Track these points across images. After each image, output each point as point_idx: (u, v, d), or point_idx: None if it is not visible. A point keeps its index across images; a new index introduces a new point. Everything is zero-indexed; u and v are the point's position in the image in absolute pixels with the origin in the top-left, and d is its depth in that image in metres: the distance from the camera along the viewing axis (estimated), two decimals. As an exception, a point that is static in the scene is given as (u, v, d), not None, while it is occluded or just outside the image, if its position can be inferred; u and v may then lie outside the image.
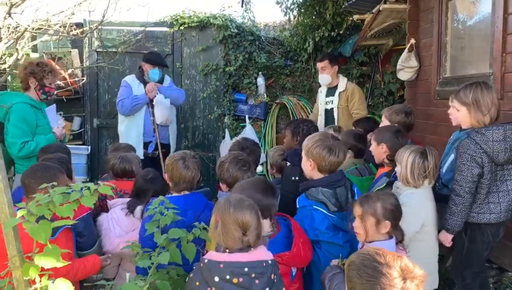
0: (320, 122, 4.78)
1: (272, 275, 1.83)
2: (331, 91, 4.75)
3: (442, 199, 2.72)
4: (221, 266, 1.76)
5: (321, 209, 2.41)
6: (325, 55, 5.06)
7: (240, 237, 1.80)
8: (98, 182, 1.72)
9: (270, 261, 1.84)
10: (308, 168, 2.55)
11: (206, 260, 1.81)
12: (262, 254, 1.85)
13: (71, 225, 2.22)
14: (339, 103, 4.61)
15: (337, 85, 4.68)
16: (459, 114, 2.68)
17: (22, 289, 1.55)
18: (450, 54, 4.03)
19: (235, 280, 1.74)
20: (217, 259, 1.79)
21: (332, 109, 4.67)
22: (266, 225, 2.21)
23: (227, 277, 1.74)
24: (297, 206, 2.54)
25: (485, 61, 3.44)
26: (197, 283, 1.80)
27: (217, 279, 1.75)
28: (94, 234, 2.73)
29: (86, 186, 1.61)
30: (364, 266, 1.44)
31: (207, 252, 1.94)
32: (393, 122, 3.27)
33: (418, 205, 2.48)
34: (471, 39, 3.87)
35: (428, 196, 2.59)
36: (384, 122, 3.35)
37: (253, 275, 1.77)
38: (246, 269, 1.76)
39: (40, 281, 1.56)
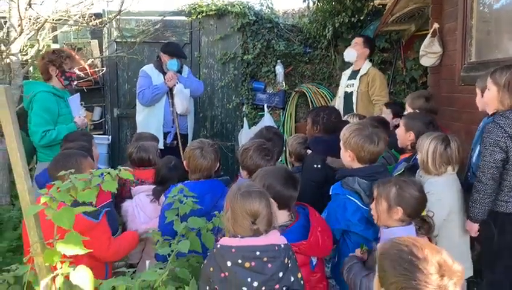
0: (339, 104, 4.69)
1: (286, 259, 1.81)
2: (354, 74, 4.65)
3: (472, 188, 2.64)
4: (233, 250, 1.76)
5: (354, 200, 2.34)
6: (364, 35, 5.02)
7: (249, 225, 1.78)
8: (119, 167, 1.72)
9: (282, 246, 1.82)
10: (347, 159, 2.47)
11: (218, 245, 1.81)
12: (274, 238, 1.83)
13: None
14: (359, 87, 4.51)
15: (360, 69, 4.59)
16: (488, 93, 2.57)
17: (44, 275, 1.57)
18: (475, 38, 3.89)
19: (247, 264, 1.74)
20: (228, 244, 1.79)
21: (352, 92, 4.57)
22: (283, 215, 2.19)
23: (239, 261, 1.74)
24: (331, 193, 2.48)
25: (512, 44, 3.31)
26: (211, 269, 1.80)
27: (229, 263, 1.75)
28: (117, 221, 2.77)
29: (106, 172, 1.61)
30: (400, 258, 1.34)
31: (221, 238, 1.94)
32: (415, 108, 3.20)
33: (442, 192, 2.41)
34: (498, 22, 3.72)
35: (453, 182, 2.52)
36: (408, 110, 3.28)
37: (265, 259, 1.75)
38: (258, 253, 1.75)
39: (61, 267, 1.57)
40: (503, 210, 2.51)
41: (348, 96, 4.64)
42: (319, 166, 2.86)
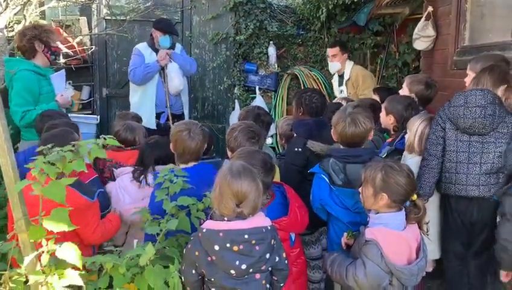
0: None
1: (272, 241, 1.83)
2: (341, 80, 4.83)
3: None
4: (221, 234, 1.74)
5: (325, 179, 2.39)
6: (336, 41, 5.08)
7: (234, 208, 1.76)
8: (102, 136, 1.68)
9: (269, 227, 1.83)
10: (334, 138, 2.54)
11: (204, 230, 1.79)
12: (260, 220, 1.83)
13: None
14: (348, 92, 4.70)
15: (343, 74, 4.76)
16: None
17: (28, 252, 1.54)
18: (469, 22, 3.87)
19: (235, 248, 1.73)
20: (215, 228, 1.77)
21: None
22: None
23: (228, 245, 1.73)
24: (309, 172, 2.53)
25: (506, 29, 3.30)
26: (197, 253, 1.79)
27: (217, 248, 1.74)
28: (107, 197, 2.71)
29: (92, 141, 1.57)
30: None
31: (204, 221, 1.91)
32: (412, 91, 3.20)
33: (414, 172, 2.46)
34: (492, 7, 3.70)
35: None
36: (404, 90, 3.28)
37: (253, 241, 1.76)
38: (246, 236, 1.75)
39: (47, 244, 1.54)
40: (442, 191, 2.65)
41: None
42: (300, 149, 2.85)
